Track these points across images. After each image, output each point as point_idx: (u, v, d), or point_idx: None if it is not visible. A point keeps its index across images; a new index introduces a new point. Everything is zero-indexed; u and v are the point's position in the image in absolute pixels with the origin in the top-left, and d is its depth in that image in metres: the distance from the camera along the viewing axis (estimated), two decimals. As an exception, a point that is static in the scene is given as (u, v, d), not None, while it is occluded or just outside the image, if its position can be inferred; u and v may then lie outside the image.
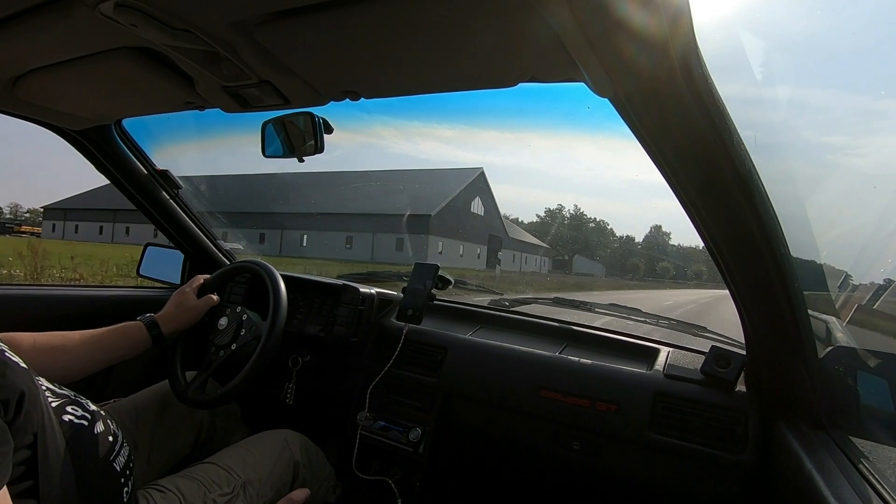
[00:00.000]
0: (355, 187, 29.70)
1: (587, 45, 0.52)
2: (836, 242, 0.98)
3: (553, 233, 53.16)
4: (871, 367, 0.85)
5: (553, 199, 64.38)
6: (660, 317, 1.33)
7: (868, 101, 0.90)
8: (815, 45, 0.76)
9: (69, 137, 1.24)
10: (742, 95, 0.65)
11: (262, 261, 1.25)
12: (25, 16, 0.67)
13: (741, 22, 0.59)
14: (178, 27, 0.63)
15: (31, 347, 0.87)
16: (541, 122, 78.88)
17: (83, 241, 27.42)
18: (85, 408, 0.76)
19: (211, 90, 0.85)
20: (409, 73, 0.74)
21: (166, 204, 1.47)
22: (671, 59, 0.48)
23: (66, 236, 35.59)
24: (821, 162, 0.93)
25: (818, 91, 0.85)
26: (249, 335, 1.12)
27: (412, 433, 1.23)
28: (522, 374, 1.17)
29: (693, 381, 1.05)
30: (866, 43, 0.75)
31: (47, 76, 0.86)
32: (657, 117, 0.57)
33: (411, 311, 1.30)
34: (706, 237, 0.73)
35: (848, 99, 0.88)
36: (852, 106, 0.94)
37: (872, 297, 0.99)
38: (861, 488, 0.64)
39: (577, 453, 1.11)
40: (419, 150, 78.92)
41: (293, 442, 1.07)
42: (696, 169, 0.62)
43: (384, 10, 0.57)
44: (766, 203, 0.64)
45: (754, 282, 0.76)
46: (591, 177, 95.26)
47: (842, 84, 0.90)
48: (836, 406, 0.84)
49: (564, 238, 50.23)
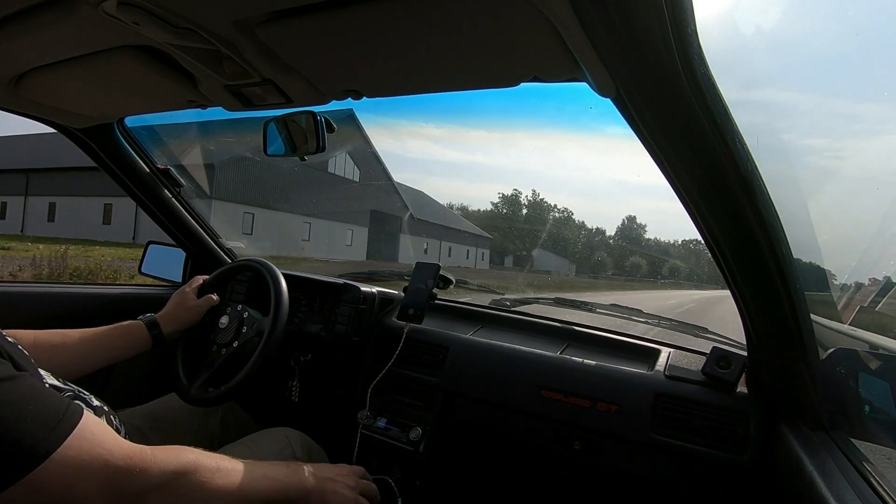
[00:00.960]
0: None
1: (589, 45, 0.52)
2: (839, 244, 0.97)
3: (504, 222, 46.36)
4: (873, 368, 0.85)
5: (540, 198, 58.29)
6: (661, 317, 1.32)
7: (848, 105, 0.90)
8: (815, 46, 0.76)
9: (72, 135, 1.24)
10: (744, 95, 0.65)
11: (263, 259, 1.26)
12: (28, 14, 0.67)
13: (745, 21, 0.59)
14: (181, 26, 0.63)
15: (31, 345, 0.88)
16: (528, 122, 78.41)
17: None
18: (89, 403, 0.77)
19: (213, 89, 0.85)
20: (411, 73, 0.74)
21: (168, 202, 1.48)
22: (674, 58, 0.48)
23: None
24: (805, 164, 0.93)
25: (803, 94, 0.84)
26: (251, 332, 1.13)
27: (413, 432, 1.23)
28: (523, 374, 1.17)
29: (694, 382, 1.05)
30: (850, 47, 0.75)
31: (50, 74, 0.86)
32: (660, 117, 0.57)
33: (412, 311, 1.30)
34: (708, 238, 0.72)
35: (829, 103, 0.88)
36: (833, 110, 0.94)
37: (875, 298, 0.98)
38: (862, 490, 0.64)
39: (578, 453, 1.11)
40: (405, 149, 78.83)
41: (294, 440, 1.07)
42: (699, 169, 0.62)
43: (387, 10, 0.57)
44: (769, 204, 0.64)
45: (756, 283, 0.76)
46: (578, 177, 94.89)
47: (824, 88, 0.90)
48: (837, 408, 0.84)
49: (520, 229, 43.83)
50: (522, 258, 35.43)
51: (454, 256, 28.64)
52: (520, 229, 42.17)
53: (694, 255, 29.57)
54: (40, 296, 1.32)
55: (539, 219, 50.00)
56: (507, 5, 0.52)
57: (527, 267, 30.59)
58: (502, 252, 38.28)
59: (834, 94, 0.89)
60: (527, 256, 34.93)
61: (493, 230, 40.84)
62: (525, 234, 39.52)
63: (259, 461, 0.77)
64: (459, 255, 30.02)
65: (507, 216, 51.35)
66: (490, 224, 44.51)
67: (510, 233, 42.81)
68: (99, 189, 17.56)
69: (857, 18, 0.71)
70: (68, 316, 1.26)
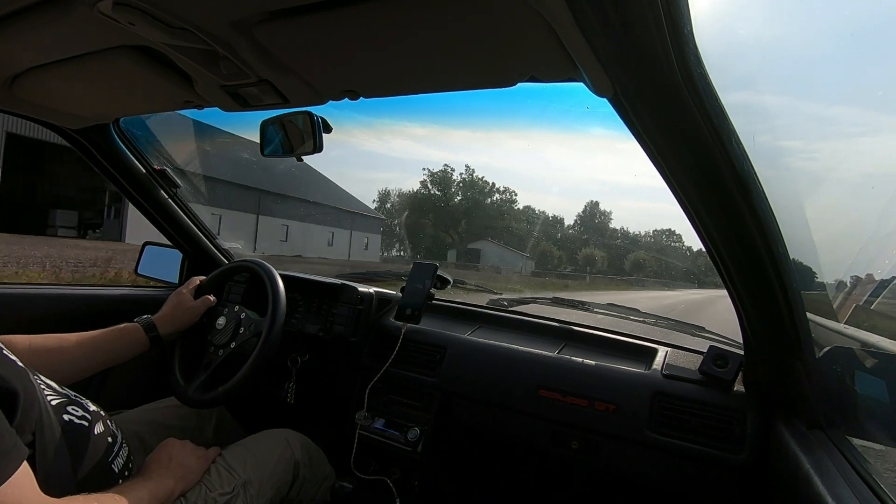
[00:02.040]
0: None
1: (586, 45, 0.52)
2: (835, 243, 0.98)
3: (434, 206, 35.12)
4: (869, 366, 0.86)
5: (522, 198, 50.10)
6: (658, 316, 1.33)
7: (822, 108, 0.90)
8: (813, 46, 0.77)
9: (68, 136, 1.24)
10: (741, 96, 0.65)
11: (259, 260, 1.25)
12: (24, 14, 0.66)
13: (741, 22, 0.60)
14: (177, 26, 0.63)
15: (27, 350, 0.87)
16: (512, 122, 78.05)
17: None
18: (85, 408, 0.76)
19: (210, 89, 0.85)
20: (408, 73, 0.74)
21: (164, 203, 1.47)
22: (671, 58, 0.48)
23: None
24: (801, 165, 0.94)
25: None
26: (249, 333, 1.12)
27: (411, 433, 1.23)
28: (521, 374, 1.17)
29: (691, 381, 1.06)
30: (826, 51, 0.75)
31: (46, 75, 0.85)
32: (656, 117, 0.57)
33: (410, 311, 1.30)
34: (705, 237, 0.73)
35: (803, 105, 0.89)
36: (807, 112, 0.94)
37: (870, 297, 0.99)
38: (858, 488, 0.65)
39: (576, 453, 1.12)
40: (389, 148, 78.45)
41: (294, 442, 1.07)
42: (695, 169, 0.62)
43: (384, 10, 0.57)
44: (765, 203, 0.65)
45: (753, 282, 0.76)
46: (563, 177, 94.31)
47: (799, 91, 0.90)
48: (833, 406, 0.84)
49: (447, 213, 34.33)
50: (463, 252, 30.06)
51: (338, 244, 22.77)
52: (453, 215, 33.64)
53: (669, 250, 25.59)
54: (35, 297, 1.32)
55: (480, 204, 38.77)
56: (503, 6, 0.52)
57: (465, 261, 26.12)
58: (435, 245, 31.79)
59: (833, 94, 0.90)
60: (464, 249, 29.04)
61: (426, 216, 33.43)
62: (460, 221, 31.15)
63: (125, 485, 0.78)
64: (341, 243, 23.30)
65: (438, 199, 38.31)
66: (420, 208, 35.52)
67: (442, 219, 33.87)
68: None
69: (856, 19, 0.72)
70: (64, 317, 1.26)
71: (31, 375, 0.68)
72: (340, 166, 64.60)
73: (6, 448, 0.57)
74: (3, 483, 0.55)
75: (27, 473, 0.60)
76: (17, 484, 0.57)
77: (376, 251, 27.93)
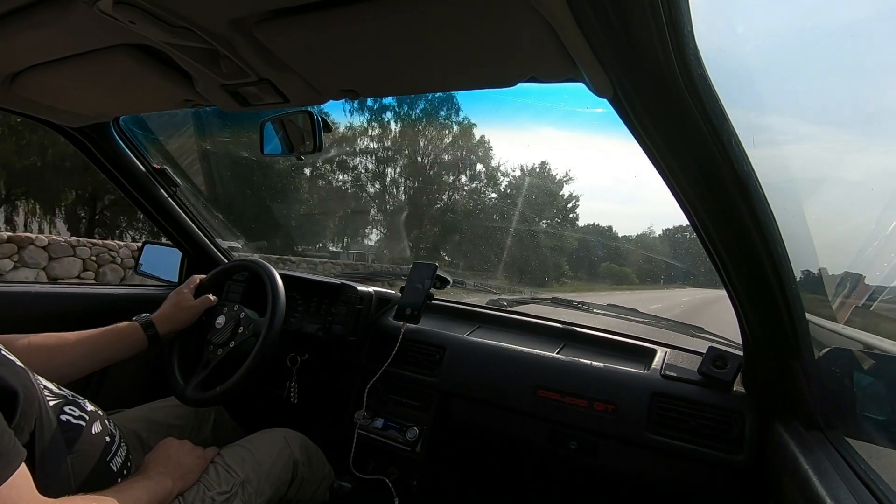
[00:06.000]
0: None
1: (587, 46, 0.52)
2: (834, 244, 0.98)
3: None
4: (867, 368, 0.86)
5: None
6: (657, 317, 1.33)
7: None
8: (813, 46, 0.77)
9: (67, 135, 1.24)
10: (741, 96, 0.65)
11: (259, 259, 1.25)
12: (24, 12, 0.66)
13: (742, 23, 0.60)
14: (178, 25, 0.63)
15: (25, 349, 0.87)
16: (498, 122, 77.02)
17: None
18: (82, 408, 0.76)
19: (210, 88, 0.85)
20: (408, 73, 0.73)
21: (164, 202, 1.47)
22: (671, 59, 0.48)
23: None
24: (801, 166, 0.94)
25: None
26: (248, 332, 1.12)
27: (410, 432, 1.23)
28: (520, 374, 1.17)
29: (690, 382, 1.06)
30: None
31: (46, 73, 0.85)
32: (656, 118, 0.57)
33: (409, 311, 1.30)
34: (704, 238, 0.73)
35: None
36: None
37: (869, 298, 0.99)
38: (856, 489, 0.65)
39: (574, 453, 1.12)
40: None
41: (293, 441, 1.07)
42: (695, 170, 0.62)
43: (384, 9, 0.57)
44: (764, 204, 0.65)
45: (752, 283, 0.76)
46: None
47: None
48: (832, 407, 0.84)
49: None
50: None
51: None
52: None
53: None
54: (35, 297, 1.31)
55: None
56: (503, 6, 0.52)
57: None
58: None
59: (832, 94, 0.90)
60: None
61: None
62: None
63: (124, 484, 0.77)
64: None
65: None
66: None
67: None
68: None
69: (854, 16, 0.72)
70: (63, 316, 1.26)
71: (31, 375, 0.68)
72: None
73: (4, 450, 0.57)
74: (2, 485, 0.55)
75: (25, 475, 0.60)
76: (15, 485, 0.57)
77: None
